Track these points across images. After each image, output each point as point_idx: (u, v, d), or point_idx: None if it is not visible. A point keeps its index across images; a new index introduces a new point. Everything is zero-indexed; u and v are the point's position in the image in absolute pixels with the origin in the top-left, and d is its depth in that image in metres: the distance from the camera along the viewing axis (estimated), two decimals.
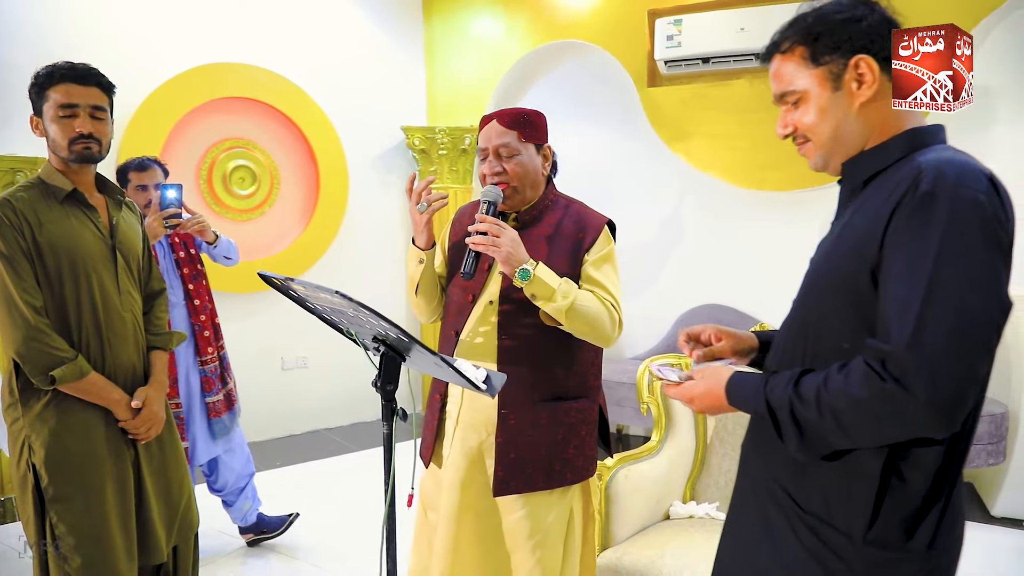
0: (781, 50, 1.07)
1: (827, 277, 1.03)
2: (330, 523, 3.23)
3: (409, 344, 1.24)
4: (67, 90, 1.72)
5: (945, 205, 0.89)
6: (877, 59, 1.02)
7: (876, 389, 0.89)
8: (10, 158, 3.37)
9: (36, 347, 1.66)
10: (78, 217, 1.76)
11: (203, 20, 4.08)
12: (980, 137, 3.53)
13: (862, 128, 1.04)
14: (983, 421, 3.11)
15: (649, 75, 4.13)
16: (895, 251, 0.92)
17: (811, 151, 1.09)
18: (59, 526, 1.72)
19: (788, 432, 0.98)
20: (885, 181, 1.00)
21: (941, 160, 0.94)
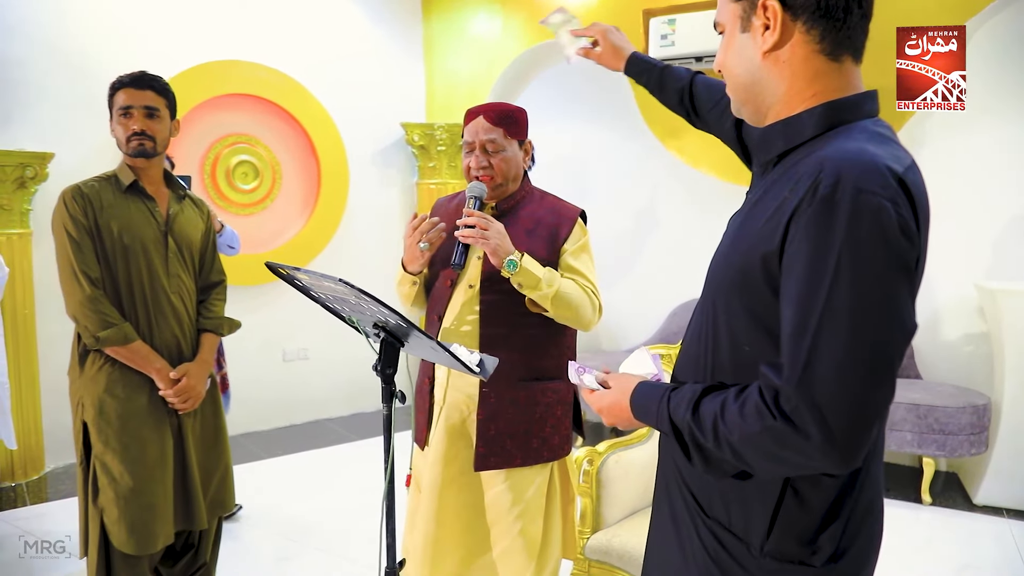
0: None
1: (724, 271, 0.95)
2: (332, 509, 3.31)
3: (408, 330, 1.32)
4: (126, 94, 1.99)
5: (844, 216, 0.79)
6: (787, 5, 0.89)
7: (768, 425, 0.83)
8: (18, 153, 3.45)
9: (89, 312, 1.91)
10: (137, 205, 2.01)
11: (206, 18, 4.15)
12: (963, 137, 3.61)
13: (769, 82, 0.93)
14: (966, 412, 3.21)
15: None
16: (792, 266, 0.83)
17: (730, 94, 1.00)
18: (101, 477, 1.94)
19: (694, 455, 0.94)
20: (794, 167, 0.89)
21: (845, 154, 0.83)
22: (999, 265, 3.49)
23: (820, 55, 0.90)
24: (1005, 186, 3.54)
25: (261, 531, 3.08)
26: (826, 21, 0.89)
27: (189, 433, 2.05)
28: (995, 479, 3.25)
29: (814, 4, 0.89)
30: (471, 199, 1.74)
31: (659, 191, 4.45)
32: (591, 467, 2.20)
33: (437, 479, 1.78)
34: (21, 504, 3.31)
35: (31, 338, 3.57)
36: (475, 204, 1.73)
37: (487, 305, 1.75)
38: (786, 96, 0.93)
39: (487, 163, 1.77)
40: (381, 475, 3.71)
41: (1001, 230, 3.53)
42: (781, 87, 0.93)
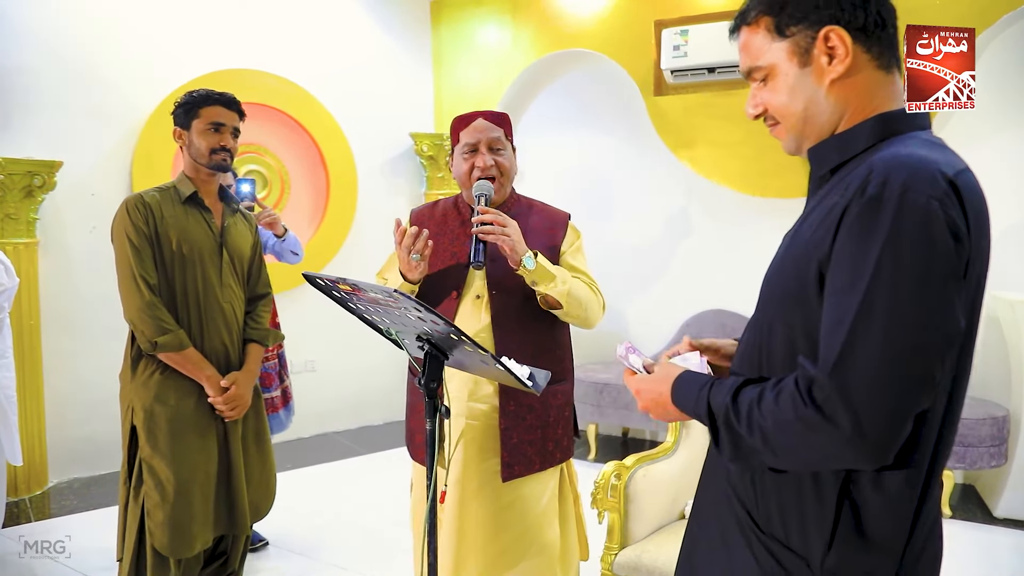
0: (747, 21, 0.97)
1: (779, 283, 0.96)
2: (341, 524, 3.26)
3: (454, 342, 1.29)
4: (218, 111, 2.09)
5: (889, 213, 0.79)
6: (849, 30, 0.91)
7: (801, 414, 0.82)
8: (26, 161, 3.40)
9: (147, 317, 1.97)
10: (195, 216, 2.09)
11: (215, 27, 4.13)
12: (974, 149, 3.62)
13: (833, 108, 0.94)
14: (985, 424, 3.18)
15: (655, 84, 4.20)
16: (836, 266, 0.84)
17: (782, 133, 0.99)
18: (147, 480, 1.99)
19: (723, 440, 0.93)
20: (845, 176, 0.90)
21: (895, 158, 0.84)
22: (1014, 275, 3.49)
23: (878, 69, 0.94)
24: (1016, 198, 3.54)
25: (274, 547, 3.02)
26: (881, 32, 0.93)
27: (234, 439, 2.10)
28: (1016, 492, 3.22)
29: (873, 21, 0.92)
30: (480, 197, 1.72)
31: (671, 202, 4.44)
32: (619, 481, 2.16)
33: (457, 498, 1.76)
34: (25, 520, 3.24)
35: (36, 350, 3.51)
36: (485, 203, 1.71)
37: (499, 313, 1.74)
38: (849, 115, 0.94)
39: (493, 162, 1.76)
40: (390, 489, 3.67)
41: (1014, 240, 3.53)
42: (847, 109, 0.94)
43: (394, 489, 3.70)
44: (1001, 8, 3.32)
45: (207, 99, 2.10)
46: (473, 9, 4.79)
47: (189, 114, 2.09)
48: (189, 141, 2.08)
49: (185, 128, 2.09)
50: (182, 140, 2.10)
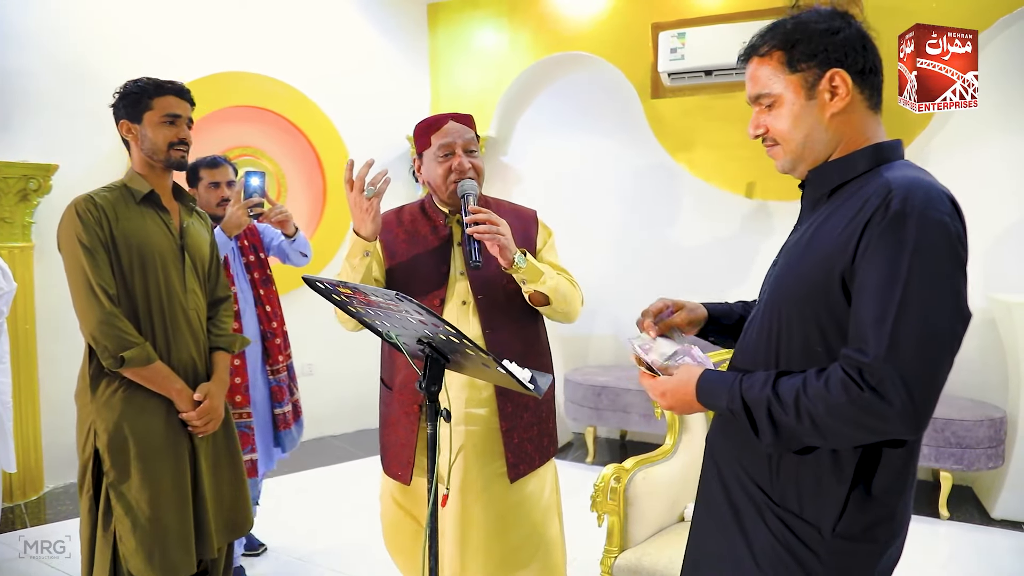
0: (760, 53, 1.11)
1: (797, 285, 1.08)
2: (339, 528, 3.24)
3: (456, 346, 1.28)
4: (174, 101, 1.90)
5: (915, 227, 0.96)
6: (851, 72, 1.07)
7: (854, 396, 0.96)
8: (21, 165, 3.39)
9: (108, 330, 1.78)
10: (152, 217, 1.91)
11: (211, 30, 4.12)
12: (971, 152, 3.63)
13: (830, 138, 1.09)
14: (982, 425, 3.19)
15: (653, 87, 4.21)
16: (869, 268, 0.98)
17: (779, 154, 1.13)
18: (116, 507, 1.81)
19: (764, 429, 1.05)
20: (853, 194, 1.05)
21: (909, 180, 1.00)
22: (1011, 277, 3.50)
23: (869, 110, 1.10)
24: (1014, 200, 3.56)
25: (271, 552, 3.00)
26: (873, 79, 1.10)
27: (202, 456, 1.93)
28: (1013, 493, 3.23)
29: (869, 67, 1.08)
30: (467, 197, 1.70)
31: (668, 204, 4.44)
32: (618, 484, 2.15)
33: (461, 501, 1.75)
34: (20, 525, 3.22)
35: (31, 355, 3.49)
36: (473, 202, 1.70)
37: (488, 316, 1.74)
38: (843, 146, 1.10)
39: (469, 164, 1.74)
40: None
41: (1011, 243, 3.54)
42: (841, 140, 1.10)
43: None
44: (1000, 9, 3.34)
45: (159, 88, 1.89)
46: (470, 12, 4.79)
47: (139, 105, 1.88)
48: (141, 136, 1.88)
49: (135, 121, 1.89)
50: (131, 135, 1.89)
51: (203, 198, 2.62)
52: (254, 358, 2.62)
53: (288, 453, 2.76)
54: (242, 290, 2.61)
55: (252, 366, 2.61)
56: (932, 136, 3.63)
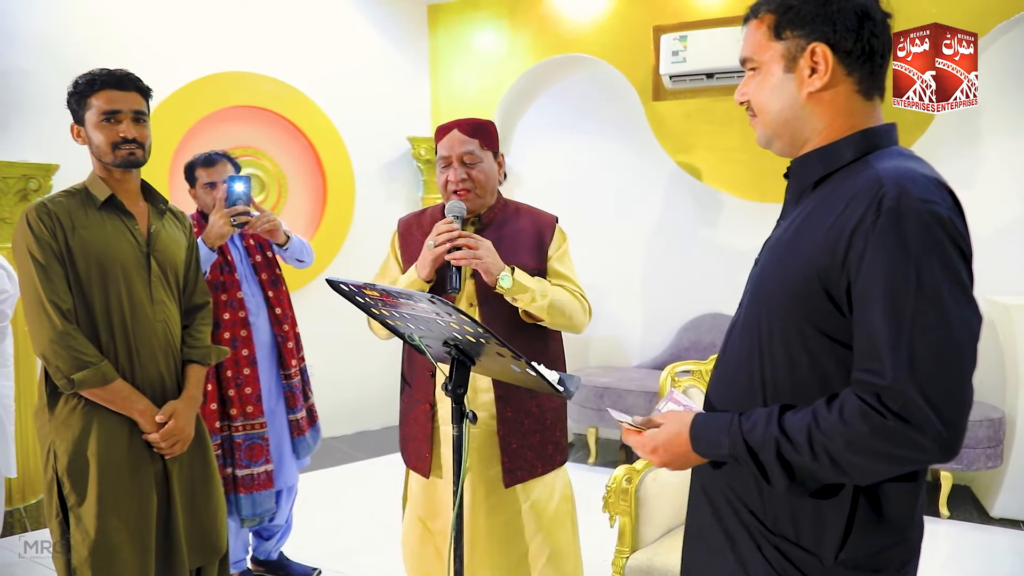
0: (757, 14, 1.02)
1: (778, 288, 0.98)
2: (342, 531, 3.23)
3: (482, 347, 1.29)
4: (109, 96, 1.73)
5: (914, 226, 0.86)
6: (837, 51, 0.96)
7: (876, 425, 0.85)
8: (21, 164, 3.35)
9: (60, 350, 1.65)
10: (114, 223, 1.76)
11: (212, 30, 4.09)
12: (971, 153, 3.67)
13: (809, 119, 0.99)
14: (982, 426, 3.22)
15: (654, 89, 4.23)
16: (871, 278, 0.88)
17: (758, 125, 1.05)
18: (75, 535, 1.69)
19: (775, 473, 0.94)
20: (840, 186, 0.95)
21: (901, 172, 0.90)
22: (1009, 280, 3.54)
23: (858, 95, 0.99)
24: (1012, 202, 3.60)
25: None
26: (867, 66, 0.98)
27: (175, 478, 1.80)
28: (1012, 492, 3.27)
29: (859, 51, 0.96)
30: (453, 219, 1.72)
31: (670, 207, 4.46)
32: (630, 485, 2.16)
33: (467, 508, 1.75)
34: (20, 530, 3.19)
35: (30, 358, 3.45)
36: (460, 224, 1.72)
37: (489, 320, 1.75)
38: (825, 131, 1.00)
39: (466, 175, 1.76)
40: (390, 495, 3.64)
41: (1009, 245, 3.59)
42: (821, 123, 1.00)
43: (395, 495, 3.68)
44: (998, 14, 3.38)
45: (92, 83, 1.73)
46: (470, 13, 4.79)
47: (81, 105, 1.74)
48: (87, 137, 1.74)
49: (80, 123, 1.75)
50: (81, 138, 1.77)
51: (201, 199, 2.45)
52: (267, 365, 2.49)
53: (308, 461, 2.65)
54: (252, 294, 2.46)
55: (265, 374, 2.48)
56: (931, 138, 3.67)
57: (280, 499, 2.59)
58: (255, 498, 2.42)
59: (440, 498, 1.83)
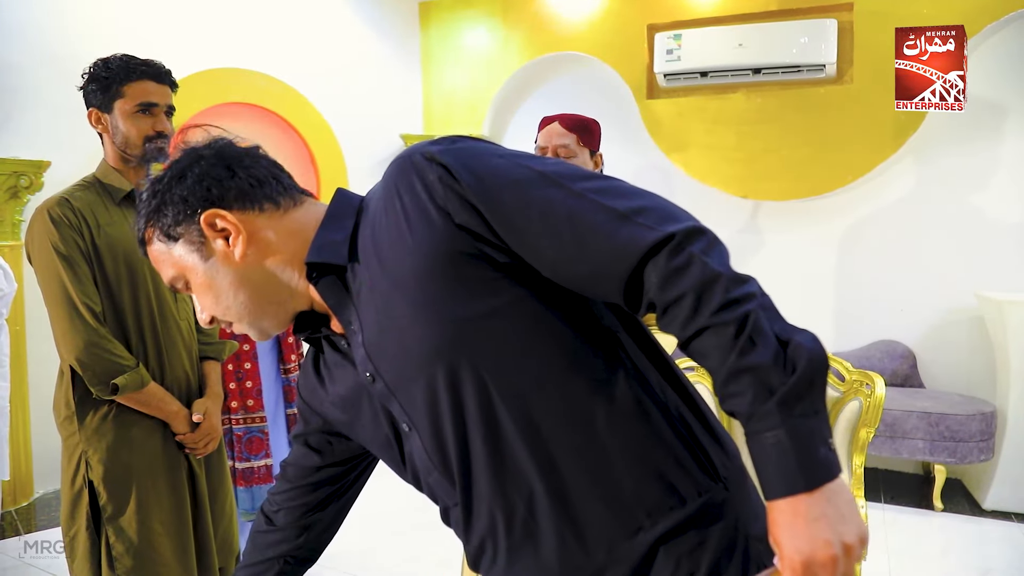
0: (144, 239, 0.90)
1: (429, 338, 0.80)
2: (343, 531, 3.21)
3: None
4: (146, 88, 1.66)
5: (455, 157, 0.79)
6: (230, 205, 0.85)
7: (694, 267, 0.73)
8: (12, 161, 3.29)
9: (98, 354, 1.58)
10: (134, 218, 1.71)
11: (205, 26, 4.05)
12: (962, 151, 3.74)
13: (265, 275, 0.86)
14: (974, 420, 3.29)
15: (648, 87, 4.25)
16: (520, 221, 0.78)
17: (241, 328, 0.90)
18: (116, 546, 1.64)
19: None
20: (379, 224, 0.82)
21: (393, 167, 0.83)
22: (1000, 276, 3.61)
23: (283, 212, 0.88)
24: (1003, 199, 3.67)
25: None
26: (260, 190, 0.87)
27: (202, 475, 1.78)
28: (1003, 485, 3.33)
29: (248, 185, 0.86)
30: None
31: None
32: None
33: None
34: (12, 533, 3.12)
35: (21, 357, 3.39)
36: None
37: None
38: (289, 259, 0.88)
39: None
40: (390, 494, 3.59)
41: (1000, 242, 3.66)
42: (278, 264, 0.88)
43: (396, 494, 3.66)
44: (991, 14, 3.44)
45: (130, 71, 1.64)
46: (462, 11, 4.78)
47: (108, 92, 1.64)
48: (112, 127, 1.65)
49: (105, 111, 1.66)
50: (101, 125, 1.67)
51: None
52: (267, 359, 2.53)
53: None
54: None
55: (265, 368, 2.51)
56: (924, 137, 3.73)
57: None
58: (254, 492, 2.44)
59: None
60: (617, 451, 0.78)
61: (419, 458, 0.87)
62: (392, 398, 0.84)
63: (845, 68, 3.84)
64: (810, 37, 3.75)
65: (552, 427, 0.78)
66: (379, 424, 0.89)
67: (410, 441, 0.87)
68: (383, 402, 0.86)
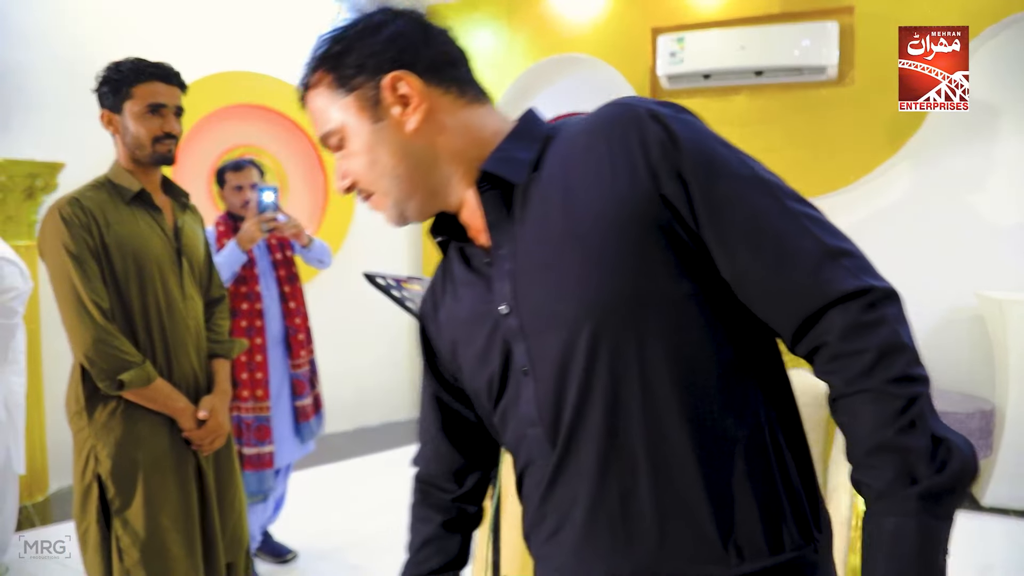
0: (309, 83, 0.83)
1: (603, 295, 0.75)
2: (339, 529, 3.24)
3: None
4: (155, 89, 1.70)
5: (694, 134, 0.77)
6: (419, 72, 0.80)
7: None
8: (27, 163, 3.35)
9: (105, 350, 1.62)
10: (144, 219, 1.74)
11: (214, 29, 4.11)
12: (963, 153, 3.78)
13: (430, 158, 0.81)
14: (973, 418, 3.33)
15: (651, 89, 4.29)
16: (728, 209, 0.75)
17: (381, 204, 0.84)
18: (123, 539, 1.68)
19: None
20: (555, 173, 0.78)
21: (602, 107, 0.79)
22: (1000, 275, 3.65)
23: (470, 104, 0.85)
24: (1004, 199, 3.71)
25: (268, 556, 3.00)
26: (454, 71, 0.84)
27: (210, 472, 1.82)
28: (1002, 481, 3.37)
29: (440, 59, 0.83)
30: None
31: None
32: None
33: None
34: (28, 526, 3.18)
35: (36, 353, 3.45)
36: None
37: None
38: (460, 157, 0.84)
39: None
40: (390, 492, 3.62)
41: (1000, 241, 3.70)
42: (449, 153, 0.83)
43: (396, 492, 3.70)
44: (993, 14, 3.47)
45: (139, 73, 1.68)
46: (468, 14, 4.83)
47: (119, 94, 1.69)
48: (123, 128, 1.70)
49: (115, 112, 1.70)
50: (112, 126, 1.72)
51: (229, 201, 2.73)
52: (276, 353, 2.68)
53: (313, 446, 2.82)
54: (268, 287, 2.66)
55: (274, 361, 2.66)
56: (924, 138, 3.77)
57: (278, 476, 2.76)
58: (261, 476, 2.61)
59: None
60: (740, 477, 0.73)
61: (525, 408, 0.79)
62: (521, 339, 0.78)
63: (846, 70, 3.88)
64: (811, 40, 3.79)
65: (681, 431, 0.73)
66: (490, 358, 0.81)
67: (521, 387, 0.79)
68: (508, 338, 0.79)
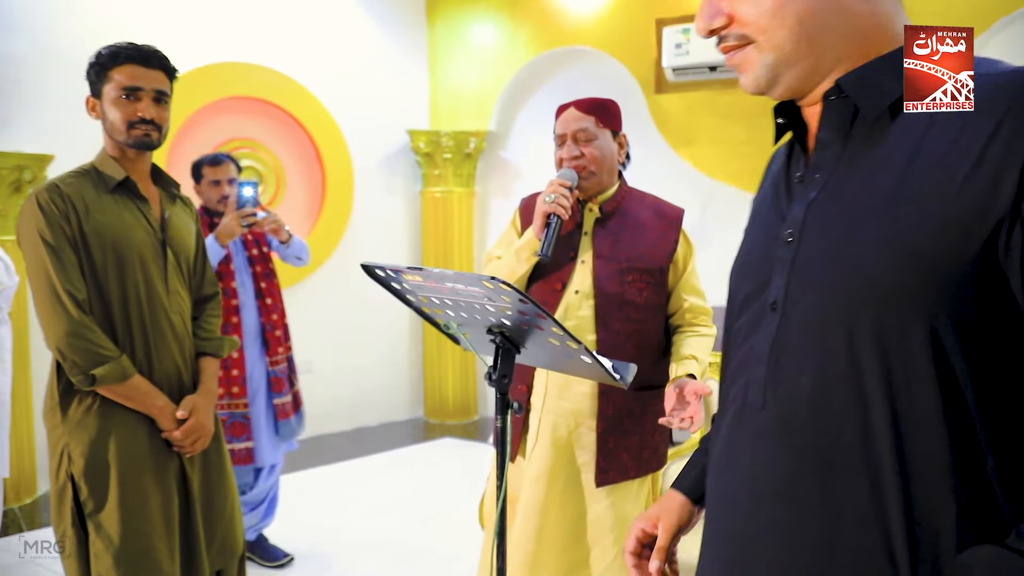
0: None
1: (881, 277, 0.63)
2: (346, 530, 3.19)
3: (528, 334, 1.25)
4: (132, 72, 1.62)
5: None
6: None
7: None
8: (15, 155, 3.27)
9: (78, 343, 1.55)
10: (128, 208, 1.66)
11: (211, 19, 4.03)
12: None
13: (838, 25, 0.67)
14: None
15: (656, 82, 4.21)
16: None
17: (752, 60, 0.70)
18: (96, 543, 1.59)
19: None
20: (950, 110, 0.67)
21: None
22: None
23: None
24: None
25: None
26: None
27: (194, 475, 1.73)
28: None
29: None
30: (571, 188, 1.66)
31: (672, 200, 4.44)
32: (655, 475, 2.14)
33: (540, 497, 1.70)
34: (16, 531, 3.10)
35: (24, 352, 3.37)
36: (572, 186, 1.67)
37: (600, 310, 1.69)
38: (859, 46, 0.71)
39: (579, 152, 1.71)
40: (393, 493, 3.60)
41: None
42: (856, 35, 0.71)
43: (396, 492, 3.64)
44: (999, 11, 3.40)
45: (116, 56, 1.61)
46: (470, 5, 4.75)
47: (100, 78, 1.63)
48: (102, 113, 1.64)
49: (96, 96, 1.65)
50: (95, 112, 1.66)
51: (205, 195, 2.72)
52: (253, 349, 2.68)
53: (295, 444, 2.82)
54: (243, 283, 2.66)
55: (251, 357, 2.67)
56: None
57: (260, 476, 2.74)
58: (237, 472, 2.57)
59: (514, 481, 1.78)
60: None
61: (762, 342, 0.72)
62: (790, 273, 0.69)
63: None
64: None
65: (931, 441, 0.63)
66: (753, 270, 0.76)
67: (764, 319, 0.72)
68: (779, 265, 0.71)
